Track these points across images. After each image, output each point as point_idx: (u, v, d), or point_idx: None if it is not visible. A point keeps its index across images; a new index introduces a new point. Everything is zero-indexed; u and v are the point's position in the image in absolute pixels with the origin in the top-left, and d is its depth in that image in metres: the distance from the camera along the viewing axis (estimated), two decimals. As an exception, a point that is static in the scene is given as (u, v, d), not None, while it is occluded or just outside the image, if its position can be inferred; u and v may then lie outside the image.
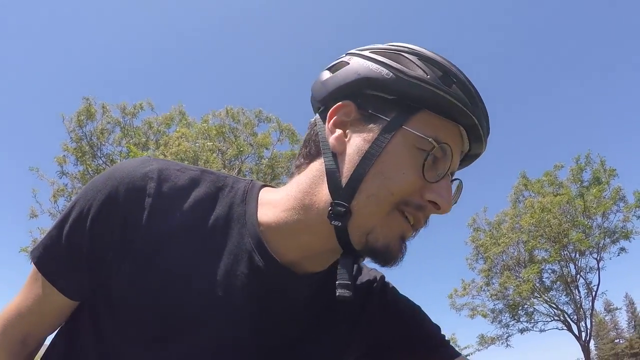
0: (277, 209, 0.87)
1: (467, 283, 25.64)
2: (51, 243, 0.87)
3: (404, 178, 0.78)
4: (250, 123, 17.41)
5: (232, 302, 0.83)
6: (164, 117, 17.28)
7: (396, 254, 0.81)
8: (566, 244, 22.26)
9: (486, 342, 25.04)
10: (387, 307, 1.04)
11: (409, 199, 0.80)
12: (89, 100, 16.47)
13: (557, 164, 23.62)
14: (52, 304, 0.90)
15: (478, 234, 25.27)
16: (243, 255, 0.85)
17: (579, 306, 22.86)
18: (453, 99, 0.80)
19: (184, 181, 0.86)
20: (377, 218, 0.79)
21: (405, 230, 0.82)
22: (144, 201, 0.82)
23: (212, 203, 0.87)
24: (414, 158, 0.79)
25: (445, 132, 0.82)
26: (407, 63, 0.82)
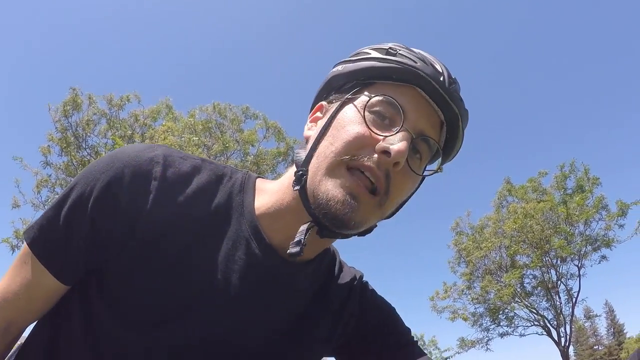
0: (268, 195, 0.92)
1: (448, 286, 25.75)
2: (48, 224, 0.85)
3: (347, 133, 0.83)
4: (237, 119, 17.34)
5: (230, 285, 0.86)
6: (151, 110, 17.14)
7: (343, 211, 0.80)
8: (548, 250, 22.46)
9: (466, 345, 25.16)
10: (365, 305, 1.09)
11: (358, 152, 0.82)
12: (75, 91, 16.33)
13: (542, 171, 23.91)
14: (42, 288, 0.87)
15: (461, 238, 25.39)
16: (241, 241, 0.88)
17: (559, 312, 23.08)
18: (395, 64, 0.86)
19: (187, 168, 0.88)
20: (322, 173, 0.83)
21: (353, 187, 0.81)
22: (149, 185, 0.83)
23: (212, 191, 0.89)
24: (359, 117, 0.85)
25: (398, 93, 0.86)
26: (360, 54, 0.93)
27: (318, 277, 1.01)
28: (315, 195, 0.82)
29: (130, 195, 0.82)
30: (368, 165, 0.81)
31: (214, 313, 0.85)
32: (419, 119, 0.86)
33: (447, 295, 25.56)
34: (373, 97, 0.85)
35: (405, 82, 0.86)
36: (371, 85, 0.89)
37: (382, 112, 0.84)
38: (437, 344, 26.79)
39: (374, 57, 0.89)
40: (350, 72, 0.91)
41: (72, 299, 0.90)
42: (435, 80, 0.85)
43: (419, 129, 0.86)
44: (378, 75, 0.88)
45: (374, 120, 0.84)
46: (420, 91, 0.86)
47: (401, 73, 0.86)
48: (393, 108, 0.84)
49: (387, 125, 0.84)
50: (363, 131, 0.83)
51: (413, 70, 0.85)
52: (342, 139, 0.83)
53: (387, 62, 0.87)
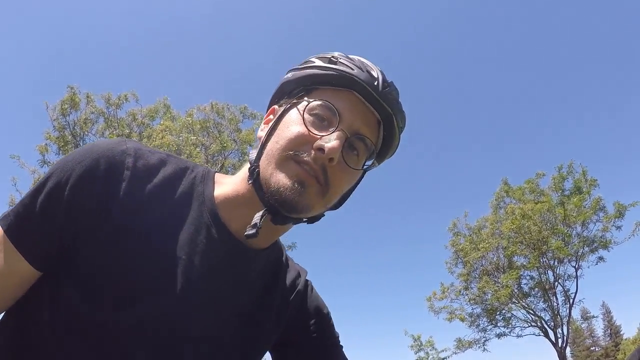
0: (226, 187, 1.02)
1: (446, 286, 25.81)
2: (24, 211, 0.89)
3: (289, 132, 0.95)
4: (234, 119, 17.35)
5: (193, 266, 0.92)
6: (149, 109, 17.14)
7: (292, 196, 0.90)
8: (545, 251, 22.53)
9: (463, 345, 25.20)
10: (306, 301, 1.20)
11: (299, 149, 0.93)
12: (73, 90, 16.33)
13: (539, 172, 23.98)
14: (15, 275, 0.89)
15: (458, 239, 25.48)
16: (202, 227, 0.96)
17: (556, 313, 23.12)
18: (334, 71, 0.97)
19: (154, 160, 0.96)
20: (272, 167, 0.93)
21: (299, 175, 0.92)
22: (122, 174, 0.90)
23: (177, 181, 0.98)
24: (299, 119, 0.96)
25: (336, 97, 0.97)
26: (307, 62, 1.03)
27: (269, 266, 1.10)
28: (268, 185, 0.92)
29: (104, 183, 0.88)
30: (307, 160, 0.91)
31: (178, 292, 0.90)
32: (354, 120, 0.96)
33: (445, 296, 25.62)
34: (312, 102, 0.96)
35: (343, 87, 0.97)
36: (314, 91, 1.00)
37: (320, 114, 0.95)
38: (434, 345, 26.72)
39: (317, 66, 1.00)
40: (297, 78, 1.02)
41: (41, 285, 0.92)
42: (369, 85, 0.96)
43: (354, 128, 0.96)
44: (320, 82, 0.99)
45: (313, 122, 0.95)
46: (356, 94, 0.97)
47: (339, 79, 0.97)
48: (329, 111, 0.95)
49: (325, 126, 0.95)
50: (303, 130, 0.94)
51: (349, 76, 0.96)
52: (285, 137, 0.94)
53: (328, 69, 0.98)
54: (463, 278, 24.71)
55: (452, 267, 25.73)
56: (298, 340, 1.18)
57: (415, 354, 27.18)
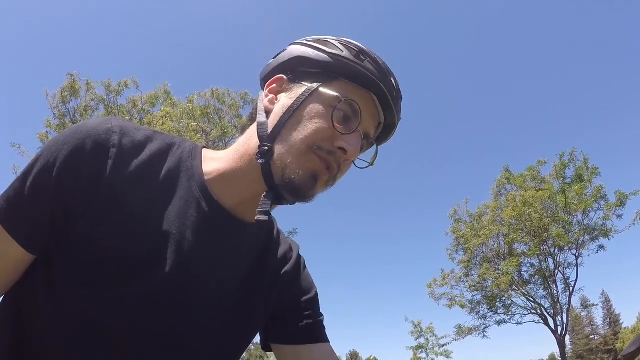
0: (219, 162, 1.01)
1: (446, 273, 25.95)
2: (14, 195, 0.89)
3: (315, 125, 0.95)
4: (235, 105, 17.30)
5: (185, 240, 0.93)
6: (149, 96, 17.10)
7: (307, 188, 0.94)
8: (546, 239, 22.58)
9: (463, 332, 25.39)
10: (298, 276, 1.21)
11: (321, 144, 0.94)
12: (73, 77, 16.32)
13: (541, 160, 23.90)
14: (9, 260, 0.90)
15: (459, 225, 25.53)
16: (192, 201, 0.96)
17: (556, 301, 23.22)
18: (363, 69, 0.98)
19: (140, 137, 0.96)
20: (292, 156, 0.93)
21: (317, 170, 0.95)
22: (109, 152, 0.90)
23: (163, 157, 0.97)
24: (326, 112, 0.96)
25: (358, 96, 0.98)
26: (330, 45, 1.01)
27: (262, 238, 1.11)
28: (283, 172, 0.93)
29: (91, 162, 0.88)
30: (328, 159, 0.95)
31: (171, 267, 0.90)
32: (368, 123, 1.01)
33: (445, 283, 25.76)
34: (343, 100, 0.96)
35: (366, 88, 0.99)
36: (336, 81, 0.99)
37: (344, 111, 0.97)
38: (434, 331, 26.98)
39: (346, 57, 0.98)
40: (320, 61, 1.00)
41: (34, 268, 0.93)
42: (390, 93, 1.00)
43: (366, 130, 1.01)
44: (346, 75, 0.98)
45: (336, 118, 0.95)
46: (374, 97, 1.00)
47: (366, 80, 0.98)
48: (354, 111, 0.97)
49: (346, 122, 0.97)
50: (329, 126, 0.95)
51: (376, 81, 0.98)
52: (310, 129, 0.94)
53: (357, 66, 0.98)
54: (464, 265, 24.79)
55: (452, 254, 25.84)
56: (284, 315, 1.17)
57: (415, 340, 27.45)
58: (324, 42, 1.02)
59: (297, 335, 1.16)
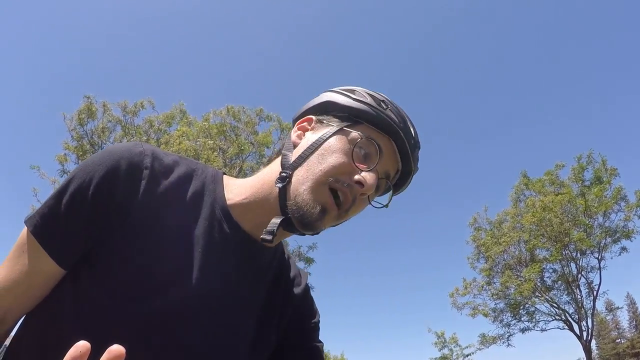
0: (240, 188, 1.08)
1: (468, 282, 25.69)
2: (49, 212, 0.93)
3: (335, 159, 1.01)
4: (251, 122, 17.40)
5: (208, 259, 0.97)
6: (165, 115, 17.29)
7: (314, 219, 0.97)
8: (567, 243, 22.26)
9: (487, 341, 25.05)
10: (304, 305, 1.24)
11: (340, 177, 0.99)
12: (90, 99, 16.55)
13: (559, 163, 23.67)
14: (41, 274, 0.92)
15: (479, 233, 25.31)
16: (215, 223, 1.01)
17: (580, 306, 22.82)
18: (385, 116, 1.06)
19: (169, 161, 1.02)
20: (307, 186, 0.98)
21: (327, 203, 0.99)
22: (142, 173, 0.95)
23: (189, 180, 1.03)
24: (347, 148, 1.02)
25: (380, 140, 1.05)
26: (357, 94, 1.10)
27: (276, 262, 1.16)
28: (297, 199, 0.98)
29: (126, 182, 0.93)
30: (344, 190, 0.99)
31: (195, 285, 0.94)
32: (387, 164, 1.07)
33: (467, 292, 25.50)
34: (364, 138, 1.03)
35: (386, 134, 1.06)
36: (360, 124, 1.06)
37: (364, 149, 1.03)
38: (457, 341, 26.63)
39: (370, 104, 1.07)
40: (347, 106, 1.08)
41: (62, 282, 0.95)
42: (408, 141, 1.07)
43: (385, 171, 1.07)
44: (368, 120, 1.06)
45: (357, 154, 1.02)
46: (393, 144, 1.07)
47: (387, 126, 1.06)
48: (374, 150, 1.03)
49: (364, 160, 1.03)
50: (348, 162, 1.00)
51: (396, 128, 1.06)
52: (330, 163, 1.00)
53: (380, 113, 1.06)
54: (485, 273, 24.52)
55: (474, 263, 25.60)
56: (288, 341, 1.19)
57: (439, 350, 27.12)
58: (352, 91, 1.11)
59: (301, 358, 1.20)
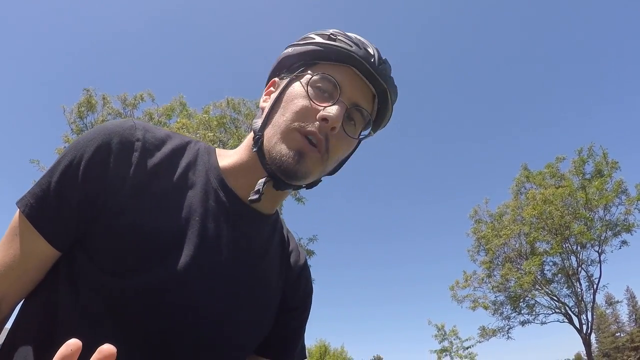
0: (231, 157, 1.08)
1: (468, 275, 25.79)
2: (41, 192, 0.91)
3: (295, 104, 1.00)
4: (251, 114, 17.20)
5: (206, 227, 0.97)
6: (165, 108, 17.21)
7: (293, 164, 0.97)
8: (568, 237, 22.32)
9: (487, 334, 25.17)
10: (301, 285, 1.23)
11: (302, 121, 0.98)
12: (89, 92, 16.48)
13: (559, 156, 23.68)
14: (36, 257, 0.91)
15: (480, 226, 25.37)
16: (211, 192, 1.02)
17: (580, 299, 22.90)
18: (335, 47, 1.03)
19: (161, 134, 1.02)
20: (277, 137, 0.99)
21: (301, 147, 0.97)
22: (134, 145, 0.95)
23: (183, 151, 1.04)
24: (304, 92, 1.01)
25: (336, 71, 1.03)
26: (307, 39, 1.09)
27: (277, 234, 1.16)
28: (270, 153, 0.98)
29: (118, 155, 0.92)
30: (312, 131, 0.97)
31: (194, 250, 0.94)
32: (353, 93, 1.03)
33: (467, 284, 25.59)
34: (315, 75, 1.02)
35: (342, 63, 1.03)
36: (315, 65, 1.05)
37: (322, 87, 1.01)
38: (457, 334, 26.73)
39: (318, 42, 1.05)
40: (298, 53, 1.07)
41: (57, 266, 0.93)
42: (367, 61, 1.02)
43: (353, 100, 1.03)
44: (320, 57, 1.05)
45: (316, 95, 1.00)
46: (354, 70, 1.03)
47: (338, 55, 1.03)
48: (330, 84, 1.01)
49: (327, 98, 1.00)
50: (307, 103, 0.99)
51: (348, 52, 1.02)
52: (291, 110, 1.00)
53: (328, 46, 1.04)
54: (485, 266, 24.61)
55: (474, 255, 25.72)
56: (279, 317, 1.17)
57: (439, 343, 27.23)
58: (304, 38, 1.10)
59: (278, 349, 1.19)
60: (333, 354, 44.52)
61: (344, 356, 45.29)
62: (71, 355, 0.57)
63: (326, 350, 44.54)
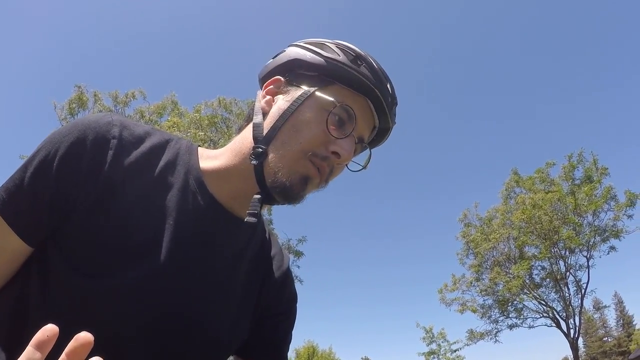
0: (214, 159, 1.04)
1: (457, 278, 25.84)
2: (14, 187, 0.89)
3: (311, 131, 0.97)
4: (242, 113, 17.15)
5: (181, 230, 0.95)
6: (156, 106, 17.20)
7: (297, 191, 0.96)
8: (556, 241, 22.43)
9: (475, 337, 25.21)
10: (284, 287, 1.21)
11: (316, 150, 0.96)
12: (80, 89, 16.42)
13: (549, 162, 23.81)
14: (7, 252, 0.90)
15: (469, 229, 25.45)
16: (188, 193, 0.98)
17: (568, 303, 23.00)
18: (359, 74, 0.99)
19: (140, 131, 0.99)
20: (286, 161, 0.95)
21: (309, 174, 0.97)
22: (109, 143, 0.92)
23: (162, 150, 1.00)
24: (321, 117, 0.97)
25: (353, 101, 1.00)
26: (327, 49, 1.03)
27: (257, 239, 1.13)
28: (275, 176, 0.95)
29: (92, 152, 0.90)
30: (321, 164, 0.97)
31: (167, 256, 0.92)
32: (363, 127, 1.03)
33: (456, 288, 25.65)
34: (338, 105, 0.97)
35: (361, 93, 1.00)
36: (332, 85, 1.00)
37: (339, 115, 0.98)
38: (446, 337, 26.74)
39: (342, 62, 1.00)
40: (316, 64, 1.02)
41: (30, 261, 0.92)
42: (385, 99, 1.02)
43: (361, 135, 1.03)
44: (341, 79, 1.00)
45: (331, 121, 0.97)
46: (369, 103, 1.02)
47: (361, 86, 1.00)
48: (349, 116, 0.99)
49: (340, 126, 0.99)
50: (324, 132, 0.96)
51: (371, 87, 1.00)
52: (306, 135, 0.96)
53: (353, 71, 1.00)
54: (474, 269, 24.69)
55: (463, 259, 25.79)
56: (263, 322, 1.16)
57: (427, 345, 27.23)
58: (322, 45, 1.05)
59: (263, 354, 1.17)
60: (321, 355, 44.48)
61: (332, 357, 45.24)
62: (47, 341, 0.56)
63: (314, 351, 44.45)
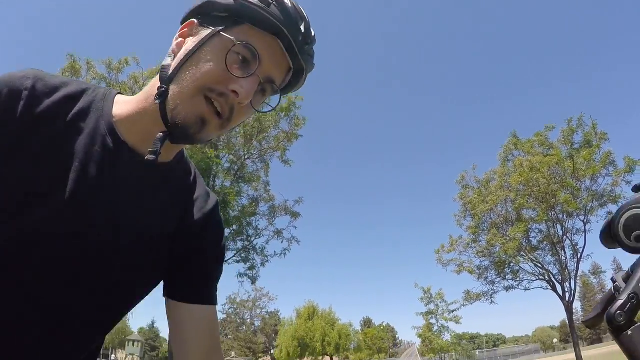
0: (129, 104, 1.06)
1: (454, 239, 26.18)
2: None
3: (208, 68, 0.96)
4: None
5: (87, 173, 0.98)
6: (150, 71, 17.01)
7: (194, 131, 0.97)
8: (554, 205, 22.46)
9: (472, 298, 25.64)
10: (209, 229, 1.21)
11: (214, 87, 0.96)
12: (73, 57, 16.35)
13: (548, 125, 23.59)
14: None
15: (467, 191, 25.53)
16: (98, 137, 1.01)
17: (564, 267, 23.22)
18: (267, 14, 0.98)
19: (55, 82, 1.02)
20: (182, 98, 0.97)
21: (205, 113, 0.97)
22: (21, 94, 0.96)
23: (77, 98, 1.03)
24: (222, 55, 0.97)
25: (261, 41, 0.99)
26: None
27: (173, 179, 1.15)
28: (174, 114, 0.97)
29: (4, 105, 0.94)
30: (219, 100, 0.96)
31: (71, 197, 0.96)
32: (270, 67, 1.01)
33: (453, 249, 25.98)
34: (238, 43, 0.97)
35: (268, 32, 0.99)
36: (240, 25, 0.99)
37: (242, 54, 0.97)
38: (444, 297, 27.18)
39: (251, 2, 0.99)
40: (226, 5, 1.00)
41: None
42: (294, 38, 1.00)
43: (268, 75, 1.01)
44: (248, 18, 0.99)
45: (233, 60, 0.97)
46: (278, 42, 1.00)
47: (268, 24, 0.98)
48: (252, 55, 0.97)
49: (244, 66, 0.98)
50: (222, 69, 0.96)
51: (278, 25, 0.98)
52: (203, 72, 0.96)
53: (262, 10, 0.98)
54: (471, 231, 24.90)
55: (460, 220, 25.98)
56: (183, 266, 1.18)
57: (425, 306, 27.72)
58: None
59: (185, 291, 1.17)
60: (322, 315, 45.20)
61: (332, 317, 45.99)
62: None
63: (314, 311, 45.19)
